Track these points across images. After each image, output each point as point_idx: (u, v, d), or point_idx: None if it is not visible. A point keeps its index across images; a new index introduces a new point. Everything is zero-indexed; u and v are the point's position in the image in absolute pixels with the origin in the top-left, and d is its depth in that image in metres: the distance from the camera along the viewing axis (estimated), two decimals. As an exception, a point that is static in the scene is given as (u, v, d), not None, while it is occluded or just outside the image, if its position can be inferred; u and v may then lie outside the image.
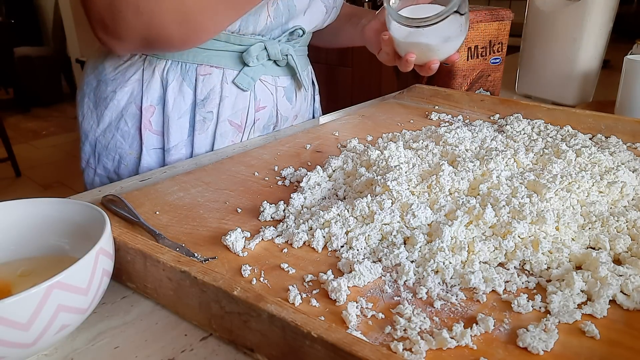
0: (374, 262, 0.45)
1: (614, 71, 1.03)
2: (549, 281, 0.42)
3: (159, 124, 0.76)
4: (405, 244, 0.47)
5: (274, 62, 0.81)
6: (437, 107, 0.93)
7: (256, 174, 0.65)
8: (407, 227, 0.49)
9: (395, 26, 0.71)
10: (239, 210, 0.56)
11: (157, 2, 0.62)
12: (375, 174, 0.57)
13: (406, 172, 0.56)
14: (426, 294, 0.41)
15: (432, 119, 0.86)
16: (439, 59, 0.75)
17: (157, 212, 0.55)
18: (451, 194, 0.54)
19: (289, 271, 0.44)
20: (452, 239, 0.46)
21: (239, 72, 0.77)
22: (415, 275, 0.43)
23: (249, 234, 0.50)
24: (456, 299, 0.40)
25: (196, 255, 0.46)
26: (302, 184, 0.59)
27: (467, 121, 0.85)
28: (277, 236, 0.50)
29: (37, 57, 4.28)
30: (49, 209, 0.44)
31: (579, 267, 0.44)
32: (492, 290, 0.41)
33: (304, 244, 0.48)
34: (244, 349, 0.37)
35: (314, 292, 0.41)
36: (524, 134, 0.74)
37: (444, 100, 0.93)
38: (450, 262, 0.44)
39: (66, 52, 4.47)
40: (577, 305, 0.39)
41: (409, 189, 0.53)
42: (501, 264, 0.45)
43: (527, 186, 0.54)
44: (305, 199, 0.56)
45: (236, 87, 0.77)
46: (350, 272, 0.43)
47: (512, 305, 0.39)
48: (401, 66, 0.76)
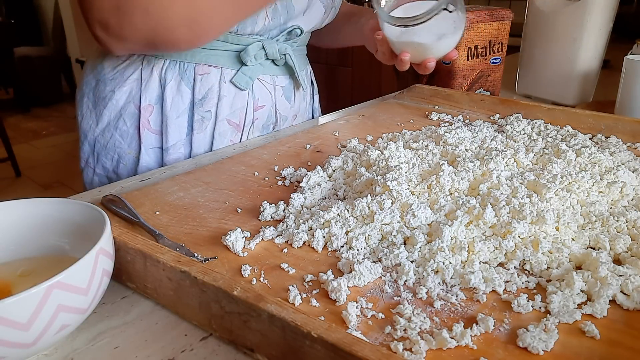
0: (374, 262, 0.45)
1: (614, 71, 1.03)
2: (549, 281, 0.42)
3: (158, 123, 0.76)
4: (405, 244, 0.47)
5: (272, 61, 0.81)
6: (437, 107, 0.93)
7: (256, 174, 0.65)
8: (407, 227, 0.49)
9: (386, 26, 0.71)
10: (239, 210, 0.56)
11: (168, 6, 0.62)
12: (375, 174, 0.57)
13: (406, 172, 0.56)
14: (426, 294, 0.41)
15: (432, 119, 0.86)
16: (435, 57, 0.74)
17: (157, 212, 0.55)
18: (451, 194, 0.54)
19: (289, 271, 0.44)
20: (452, 239, 0.46)
21: (237, 71, 0.77)
22: (415, 275, 0.43)
23: (249, 234, 0.50)
24: (456, 299, 0.40)
25: (196, 255, 0.46)
26: (302, 184, 0.59)
27: (467, 121, 0.85)
28: (277, 236, 0.50)
29: (37, 57, 4.28)
30: (49, 209, 0.44)
31: (579, 267, 0.44)
32: (492, 290, 0.41)
33: (304, 244, 0.48)
34: (244, 349, 0.37)
35: (314, 292, 0.41)
36: (524, 134, 0.74)
37: (444, 100, 0.93)
38: (450, 262, 0.44)
39: (66, 52, 4.47)
40: (577, 305, 0.39)
41: (409, 189, 0.53)
42: (501, 264, 0.45)
43: (527, 186, 0.54)
44: (305, 199, 0.56)
45: (234, 86, 0.77)
46: (350, 272, 0.43)
47: (512, 305, 0.39)
48: (397, 65, 0.76)
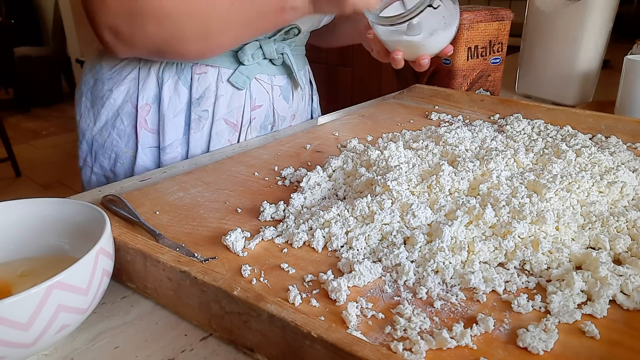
0: (374, 262, 0.45)
1: (614, 71, 1.04)
2: (549, 281, 0.42)
3: (155, 122, 0.76)
4: (405, 244, 0.47)
5: (270, 60, 0.81)
6: (437, 107, 0.93)
7: (256, 174, 0.65)
8: (407, 227, 0.49)
9: (376, 25, 0.71)
10: (239, 210, 0.56)
11: (182, 20, 0.62)
12: (375, 174, 0.57)
13: (406, 172, 0.56)
14: (426, 294, 0.41)
15: (432, 119, 0.86)
16: (429, 54, 0.73)
17: (157, 212, 0.55)
18: (451, 194, 0.54)
19: (289, 271, 0.44)
20: (452, 239, 0.46)
21: (235, 70, 0.77)
22: (415, 275, 0.43)
23: (249, 234, 0.50)
24: (456, 299, 0.40)
25: (196, 255, 0.46)
26: (302, 184, 0.59)
27: (467, 121, 0.85)
28: (277, 236, 0.50)
29: (37, 57, 4.28)
30: (49, 209, 0.44)
31: (579, 267, 0.44)
32: (492, 290, 0.41)
33: (304, 244, 0.48)
34: (244, 349, 0.37)
35: (314, 292, 0.41)
36: (524, 134, 0.74)
37: (444, 100, 0.93)
38: (450, 262, 0.44)
39: (66, 52, 4.47)
40: (577, 305, 0.39)
41: (409, 189, 0.53)
42: (501, 264, 0.45)
43: (527, 186, 0.54)
44: (305, 199, 0.56)
45: (231, 85, 0.77)
46: (350, 272, 0.43)
47: (512, 305, 0.39)
48: (392, 63, 0.76)
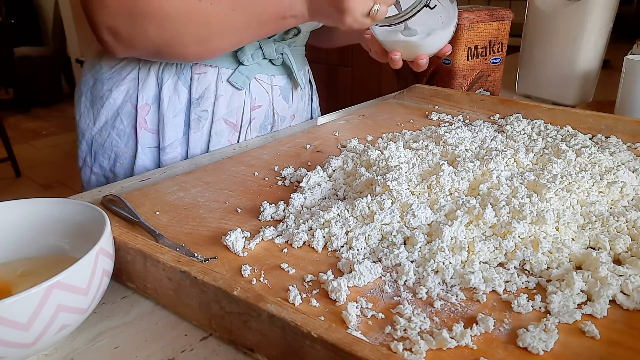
0: (374, 262, 0.45)
1: (614, 71, 1.04)
2: (549, 281, 0.42)
3: (154, 122, 0.76)
4: (405, 244, 0.47)
5: (270, 61, 0.81)
6: (437, 107, 0.93)
7: (256, 174, 0.65)
8: (407, 227, 0.49)
9: (373, 26, 0.71)
10: (239, 210, 0.56)
11: (182, 22, 0.62)
12: (375, 174, 0.57)
13: (406, 172, 0.56)
14: (426, 294, 0.41)
15: (432, 119, 0.86)
16: (427, 54, 0.73)
17: (157, 212, 0.55)
18: (451, 194, 0.54)
19: (289, 271, 0.44)
20: (452, 239, 0.46)
21: (234, 70, 0.77)
22: (415, 275, 0.43)
23: (249, 234, 0.50)
24: (456, 299, 0.40)
25: (196, 255, 0.46)
26: (302, 184, 0.59)
27: (467, 121, 0.85)
28: (277, 236, 0.50)
29: (37, 57, 4.28)
30: (49, 209, 0.44)
31: (579, 267, 0.44)
32: (492, 290, 0.41)
33: (304, 244, 0.48)
34: (244, 349, 0.37)
35: (314, 292, 0.41)
36: (524, 134, 0.74)
37: (444, 100, 0.93)
38: (450, 262, 0.44)
39: (66, 52, 4.47)
40: (577, 305, 0.39)
41: (409, 189, 0.53)
42: (501, 264, 0.45)
43: (527, 186, 0.54)
44: (305, 199, 0.56)
45: (231, 85, 0.78)
46: (350, 272, 0.43)
47: (512, 305, 0.39)
48: (390, 63, 0.76)
